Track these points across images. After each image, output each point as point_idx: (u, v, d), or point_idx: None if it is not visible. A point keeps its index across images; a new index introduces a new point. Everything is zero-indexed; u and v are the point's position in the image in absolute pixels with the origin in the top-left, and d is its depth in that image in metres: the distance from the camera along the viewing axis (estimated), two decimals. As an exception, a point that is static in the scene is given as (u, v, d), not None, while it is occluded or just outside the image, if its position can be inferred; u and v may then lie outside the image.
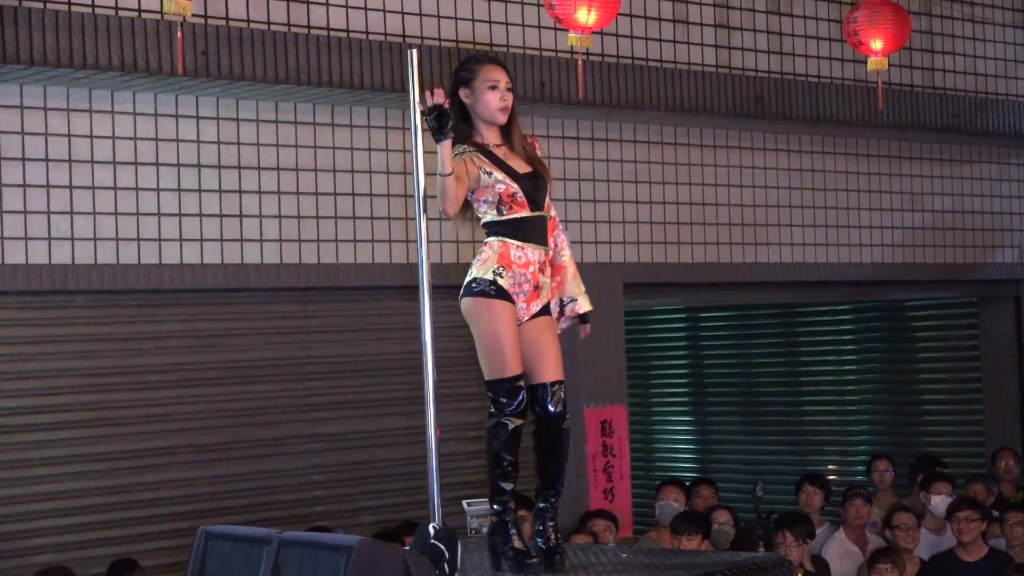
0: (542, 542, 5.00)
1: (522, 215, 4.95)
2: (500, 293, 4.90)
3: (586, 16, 7.39)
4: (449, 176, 4.71)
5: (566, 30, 7.59)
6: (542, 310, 5.01)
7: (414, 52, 4.89)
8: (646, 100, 8.85)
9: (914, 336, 13.07)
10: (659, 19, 9.11)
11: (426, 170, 4.85)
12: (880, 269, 10.88)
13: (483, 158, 4.94)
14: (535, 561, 4.91)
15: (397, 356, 8.49)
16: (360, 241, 8.23)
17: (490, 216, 4.97)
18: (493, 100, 4.98)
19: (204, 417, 7.97)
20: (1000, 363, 12.06)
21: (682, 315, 14.50)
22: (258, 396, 8.17)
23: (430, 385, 4.84)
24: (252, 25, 7.40)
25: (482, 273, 4.92)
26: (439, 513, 4.77)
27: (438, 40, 8.06)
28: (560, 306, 5.13)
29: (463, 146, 4.92)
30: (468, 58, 5.14)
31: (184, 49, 6.90)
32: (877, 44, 8.51)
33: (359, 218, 8.24)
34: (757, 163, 10.12)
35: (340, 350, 8.48)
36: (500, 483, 4.94)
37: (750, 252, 10.04)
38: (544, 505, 5.05)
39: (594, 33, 7.66)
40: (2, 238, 7.14)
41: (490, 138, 5.03)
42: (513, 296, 4.92)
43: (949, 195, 11.27)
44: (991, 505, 9.30)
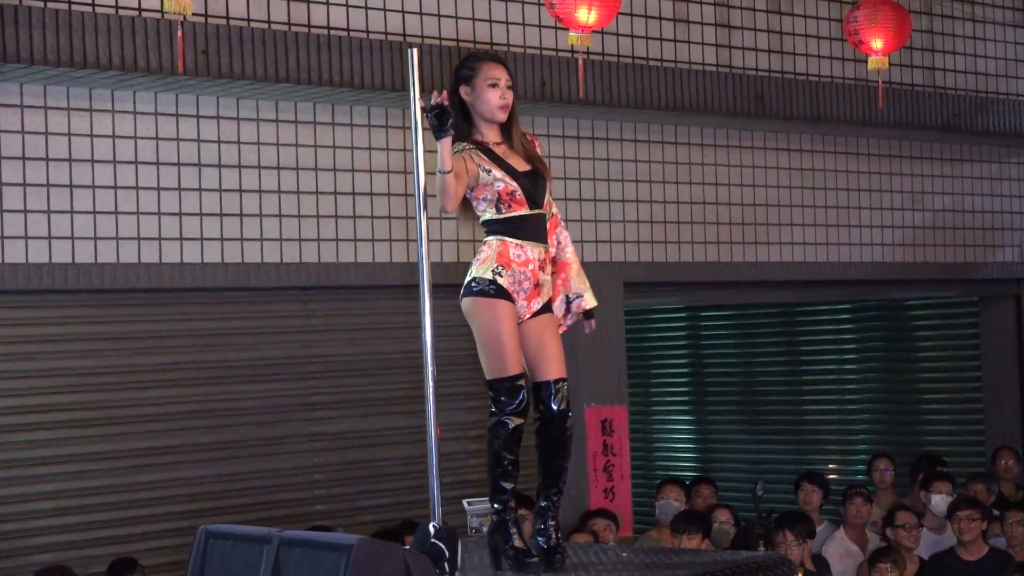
0: (543, 541, 4.99)
1: (521, 213, 4.94)
2: (500, 292, 4.89)
3: (586, 15, 7.39)
4: (448, 173, 4.71)
5: (566, 29, 7.59)
6: (543, 308, 5.00)
7: (414, 51, 4.88)
8: (646, 99, 8.85)
9: (914, 335, 13.07)
10: (659, 18, 9.11)
11: (426, 169, 4.85)
12: (880, 268, 10.88)
13: (482, 156, 4.93)
14: (535, 560, 4.91)
15: (397, 355, 8.48)
16: (361, 240, 8.23)
17: (489, 214, 4.96)
18: (493, 98, 4.97)
19: (204, 416, 7.97)
20: (1000, 362, 12.06)
21: (682, 314, 14.49)
22: (258, 395, 8.17)
23: (430, 384, 4.83)
24: (252, 24, 7.40)
25: (481, 272, 4.91)
26: (439, 512, 4.76)
27: (438, 39, 8.06)
28: (566, 303, 5.13)
29: (463, 144, 4.92)
30: (469, 56, 5.13)
31: (184, 48, 6.90)
32: (878, 43, 8.51)
33: (360, 217, 8.24)
34: (757, 162, 10.11)
35: (340, 349, 8.48)
36: (500, 482, 4.93)
37: (750, 251, 10.04)
38: (546, 504, 5.04)
39: (594, 32, 7.66)
40: (2, 237, 7.13)
41: (490, 136, 5.02)
42: (513, 295, 4.91)
43: (949, 194, 11.27)
44: (991, 504, 9.30)
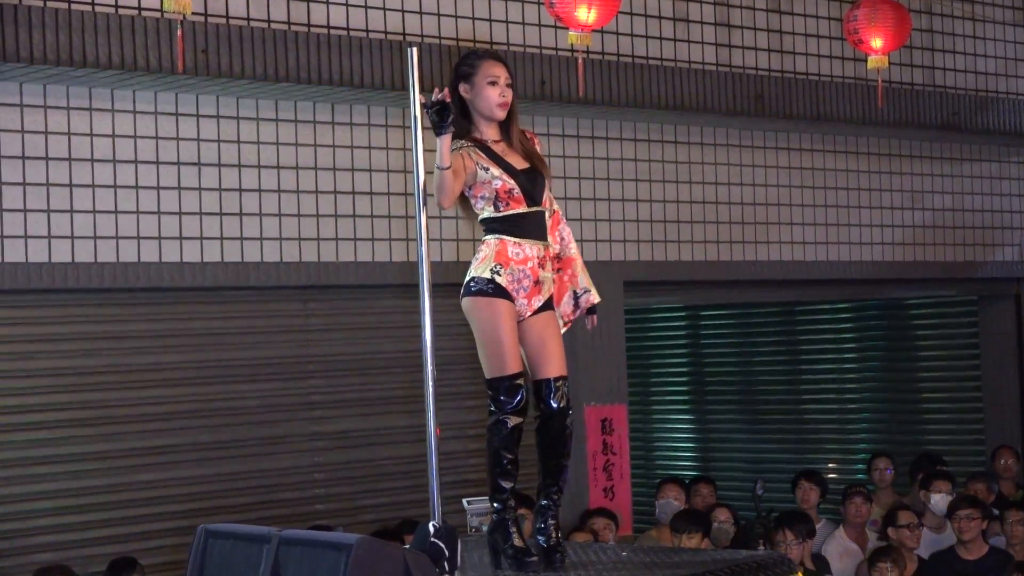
0: (543, 540, 4.99)
1: (519, 211, 4.94)
2: (498, 291, 4.89)
3: (586, 14, 7.39)
4: (447, 170, 4.72)
5: (566, 28, 7.59)
6: (544, 305, 4.99)
7: (414, 50, 4.88)
8: (646, 98, 8.85)
9: (914, 334, 13.07)
10: (659, 17, 9.11)
11: (426, 168, 4.85)
12: (880, 267, 10.88)
13: (481, 154, 4.94)
14: (535, 559, 4.90)
15: (397, 354, 8.48)
16: (360, 239, 8.23)
17: (487, 212, 4.96)
18: (493, 96, 4.97)
19: (204, 415, 7.97)
20: (1000, 361, 12.06)
21: (682, 313, 14.49)
22: (258, 394, 8.17)
23: (430, 383, 4.82)
24: (252, 23, 7.40)
25: (480, 272, 4.91)
26: (439, 511, 4.76)
27: (438, 38, 8.06)
28: (574, 298, 5.12)
29: (461, 141, 4.92)
30: (468, 53, 5.14)
31: (184, 47, 6.90)
32: (877, 42, 8.51)
33: (359, 216, 8.24)
34: (757, 161, 10.11)
35: (340, 348, 8.48)
36: (500, 481, 4.93)
37: (750, 250, 10.03)
38: (546, 503, 5.04)
39: (594, 31, 7.66)
40: (2, 236, 7.13)
41: (489, 134, 5.02)
42: (512, 293, 4.91)
43: (949, 193, 11.26)
44: (991, 503, 9.30)
